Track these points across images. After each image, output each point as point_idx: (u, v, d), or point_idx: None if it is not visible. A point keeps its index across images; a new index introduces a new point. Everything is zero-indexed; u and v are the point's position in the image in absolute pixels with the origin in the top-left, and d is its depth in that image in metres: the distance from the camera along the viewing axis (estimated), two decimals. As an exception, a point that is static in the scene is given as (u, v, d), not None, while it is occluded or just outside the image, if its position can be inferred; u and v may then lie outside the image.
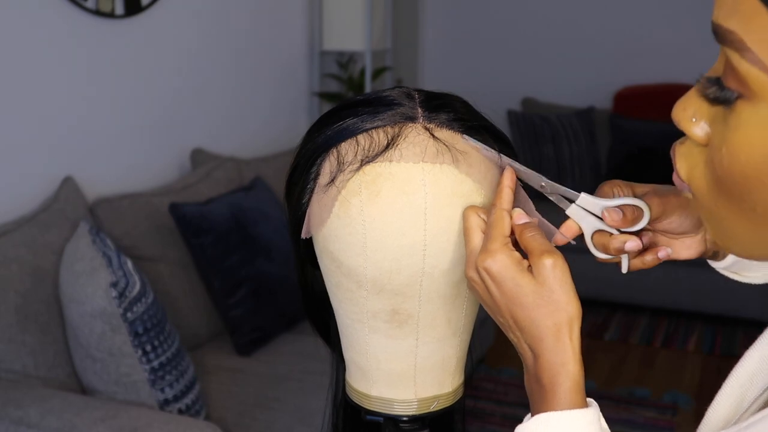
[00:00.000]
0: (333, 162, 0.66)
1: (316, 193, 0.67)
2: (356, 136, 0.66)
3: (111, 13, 2.27)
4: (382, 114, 0.66)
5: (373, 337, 0.70)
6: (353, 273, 0.67)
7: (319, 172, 0.67)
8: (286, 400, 1.97)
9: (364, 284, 0.67)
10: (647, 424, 2.72)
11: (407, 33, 4.42)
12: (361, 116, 0.66)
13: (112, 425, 1.55)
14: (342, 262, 0.67)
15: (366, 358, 0.71)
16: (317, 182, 0.67)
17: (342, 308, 0.70)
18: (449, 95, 0.69)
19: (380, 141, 0.65)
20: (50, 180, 2.09)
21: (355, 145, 0.65)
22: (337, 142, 0.66)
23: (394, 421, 0.72)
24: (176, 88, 2.63)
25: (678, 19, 4.10)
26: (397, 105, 0.67)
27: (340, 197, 0.65)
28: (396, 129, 0.66)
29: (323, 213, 0.67)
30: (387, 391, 0.72)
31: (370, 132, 0.66)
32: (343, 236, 0.66)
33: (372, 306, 0.68)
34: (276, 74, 3.25)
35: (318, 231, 0.68)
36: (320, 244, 0.68)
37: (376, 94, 0.68)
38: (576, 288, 0.64)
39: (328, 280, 0.70)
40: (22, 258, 1.83)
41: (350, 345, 0.72)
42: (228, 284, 2.21)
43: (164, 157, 2.60)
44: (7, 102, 1.99)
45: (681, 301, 3.63)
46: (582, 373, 0.61)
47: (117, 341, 1.73)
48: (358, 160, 0.65)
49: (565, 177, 3.86)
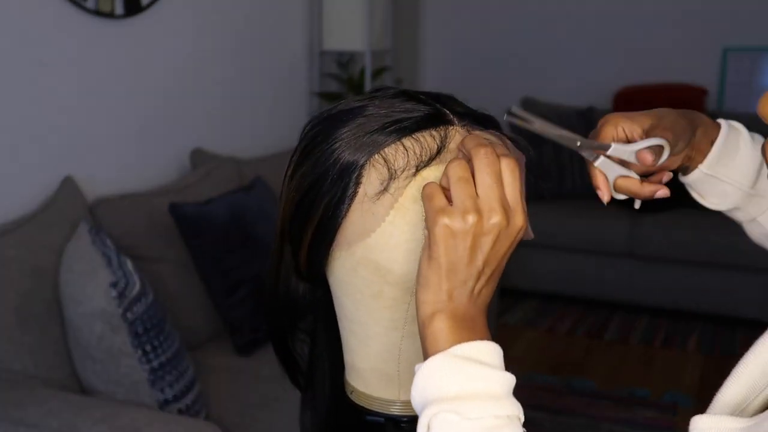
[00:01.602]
0: (381, 169, 0.64)
1: (359, 203, 0.65)
2: (401, 140, 0.64)
3: (111, 13, 2.27)
4: (412, 119, 0.65)
5: (407, 343, 0.70)
6: (403, 280, 0.66)
7: (359, 180, 0.65)
8: (286, 400, 1.97)
9: (412, 289, 0.66)
10: (647, 424, 2.72)
11: (407, 33, 4.41)
12: (394, 123, 0.65)
13: (112, 425, 1.55)
14: (391, 269, 0.66)
15: (396, 364, 0.71)
16: (358, 191, 0.65)
17: (374, 318, 0.69)
18: (445, 95, 0.70)
19: (430, 145, 0.65)
20: (50, 180, 2.09)
21: (403, 151, 0.64)
22: (379, 148, 0.64)
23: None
24: (176, 88, 2.63)
25: (678, 19, 4.10)
26: (425, 107, 0.66)
27: (397, 205, 0.64)
28: (441, 132, 0.66)
29: (371, 223, 0.65)
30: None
31: (416, 136, 0.65)
32: (398, 244, 0.65)
33: (414, 310, 0.67)
34: (276, 74, 3.25)
35: (360, 242, 0.66)
36: (359, 255, 0.66)
37: (392, 105, 0.67)
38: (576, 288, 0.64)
39: (362, 292, 0.68)
40: (22, 258, 1.83)
41: (376, 353, 0.71)
42: (228, 284, 2.21)
43: (164, 157, 2.60)
44: (6, 102, 1.99)
45: (681, 301, 3.63)
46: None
47: (117, 341, 1.73)
48: (413, 166, 0.64)
49: (565, 177, 3.85)
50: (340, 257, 0.68)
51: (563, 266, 3.72)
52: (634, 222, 3.63)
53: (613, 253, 3.67)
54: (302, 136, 0.69)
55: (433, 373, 0.57)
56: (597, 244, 3.67)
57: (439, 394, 0.56)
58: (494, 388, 0.56)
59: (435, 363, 0.57)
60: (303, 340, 0.80)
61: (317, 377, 0.80)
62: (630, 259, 3.66)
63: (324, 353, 0.79)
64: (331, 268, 0.70)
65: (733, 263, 3.48)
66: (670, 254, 3.59)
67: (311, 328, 0.79)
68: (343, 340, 0.74)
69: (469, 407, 0.55)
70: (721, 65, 4.04)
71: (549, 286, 3.80)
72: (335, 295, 0.72)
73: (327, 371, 0.79)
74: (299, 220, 0.68)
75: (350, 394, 0.75)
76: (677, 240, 3.57)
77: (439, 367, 0.57)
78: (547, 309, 3.76)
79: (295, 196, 0.68)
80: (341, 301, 0.71)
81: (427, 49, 4.59)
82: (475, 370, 0.56)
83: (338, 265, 0.68)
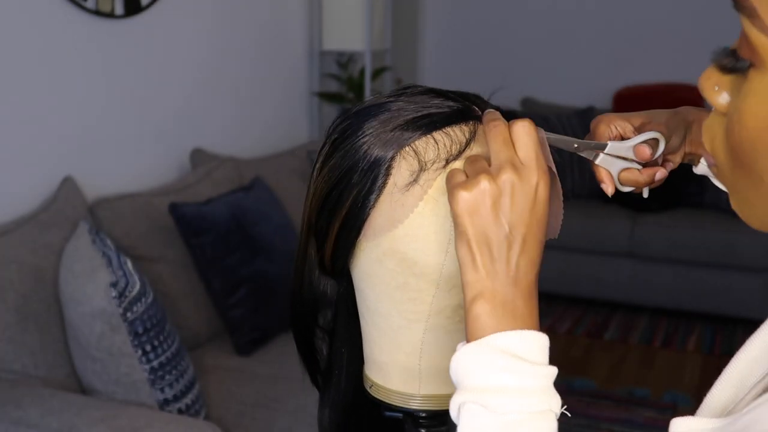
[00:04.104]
0: (411, 161, 0.65)
1: (388, 194, 0.66)
2: (432, 134, 0.65)
3: (111, 13, 2.27)
4: (442, 114, 0.66)
5: (430, 336, 0.70)
6: (428, 272, 0.67)
7: (389, 172, 0.65)
8: (286, 400, 1.97)
9: (437, 282, 0.67)
10: (647, 424, 2.72)
11: (407, 33, 4.42)
12: (424, 117, 0.66)
13: (112, 425, 1.55)
14: (417, 261, 0.66)
15: (417, 357, 0.71)
16: (387, 182, 0.66)
17: (398, 310, 0.70)
18: (473, 94, 0.71)
19: (459, 138, 0.66)
20: (50, 180, 2.09)
21: (433, 144, 0.65)
22: (409, 141, 0.65)
23: (442, 416, 0.73)
24: (176, 88, 2.63)
25: (677, 19, 4.10)
26: (454, 103, 0.68)
27: (426, 196, 0.65)
28: (471, 127, 0.67)
29: (400, 214, 0.66)
30: (436, 388, 0.72)
31: (446, 130, 0.66)
32: (425, 235, 0.65)
33: (439, 303, 0.68)
34: (276, 74, 3.25)
35: (387, 233, 0.67)
36: (385, 246, 0.67)
37: (425, 103, 0.68)
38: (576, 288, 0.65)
39: (386, 283, 0.69)
40: (22, 258, 1.83)
41: (397, 346, 0.71)
42: (228, 284, 2.21)
43: (164, 157, 2.60)
44: (6, 102, 1.99)
45: (681, 301, 3.63)
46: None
47: (117, 341, 1.73)
48: (443, 158, 0.65)
49: (565, 177, 3.86)
50: (366, 249, 0.68)
51: (563, 266, 3.71)
52: (634, 222, 3.63)
53: (613, 253, 3.67)
54: (331, 130, 0.70)
55: (467, 360, 0.57)
56: (597, 244, 3.67)
57: (469, 382, 0.56)
58: (526, 382, 0.56)
59: (469, 350, 0.57)
60: (321, 338, 0.80)
61: (336, 374, 0.80)
62: (630, 259, 3.66)
63: (343, 349, 0.79)
64: (356, 260, 0.70)
65: (733, 263, 3.48)
66: (670, 254, 3.59)
67: (330, 326, 0.79)
68: (363, 333, 0.74)
69: (497, 400, 0.55)
70: (721, 65, 4.03)
71: (549, 286, 3.79)
72: (358, 288, 0.72)
73: (345, 367, 0.79)
74: (327, 213, 0.69)
75: (369, 388, 0.75)
76: (677, 240, 3.57)
77: (472, 355, 0.57)
78: (547, 309, 3.75)
79: (323, 188, 0.69)
80: (364, 294, 0.71)
81: (426, 49, 4.59)
82: (507, 363, 0.56)
83: (364, 256, 0.69)
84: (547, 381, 0.58)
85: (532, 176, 0.59)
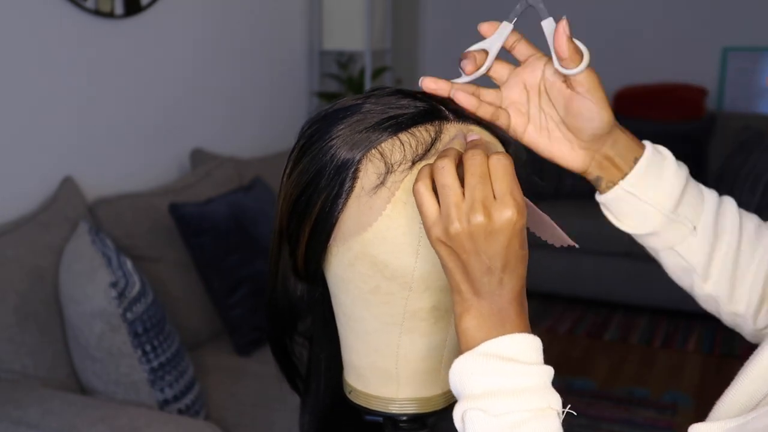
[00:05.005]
0: (378, 163, 0.65)
1: (356, 197, 0.65)
2: (398, 135, 0.65)
3: (110, 13, 2.27)
4: (408, 115, 0.66)
5: (406, 338, 0.70)
6: (399, 274, 0.66)
7: (356, 175, 0.65)
8: (286, 400, 1.97)
9: (410, 284, 0.67)
10: (647, 424, 2.72)
11: (407, 33, 4.42)
12: (390, 119, 0.66)
13: (112, 425, 1.55)
14: (388, 264, 0.66)
15: (395, 360, 0.71)
16: (355, 185, 0.65)
17: (372, 313, 0.69)
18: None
19: (424, 138, 0.65)
20: (50, 180, 2.09)
21: (399, 145, 0.65)
22: (375, 143, 0.65)
23: (422, 419, 0.73)
24: (176, 88, 2.63)
25: (678, 19, 4.10)
26: (419, 104, 0.67)
27: (394, 199, 0.64)
28: (436, 126, 0.66)
29: (368, 217, 0.65)
30: (415, 391, 0.72)
31: (412, 131, 0.66)
32: (395, 237, 0.65)
33: (412, 305, 0.68)
34: (276, 74, 3.25)
35: (357, 236, 0.66)
36: (356, 250, 0.66)
37: (388, 104, 0.67)
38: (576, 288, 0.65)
39: (359, 288, 0.68)
40: (22, 258, 1.83)
41: (374, 350, 0.71)
42: (227, 284, 2.21)
43: (164, 157, 2.60)
44: (6, 102, 1.99)
45: (681, 301, 3.61)
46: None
47: (116, 341, 1.73)
48: (409, 159, 0.65)
49: (565, 177, 3.85)
50: (338, 253, 0.68)
51: (563, 266, 3.72)
52: (634, 222, 3.62)
53: (613, 253, 3.66)
54: (300, 135, 0.70)
55: (461, 371, 0.59)
56: (597, 244, 3.67)
57: (467, 391, 0.58)
58: (520, 382, 0.58)
59: (462, 361, 0.59)
60: (301, 344, 0.80)
61: (314, 380, 0.80)
62: (630, 259, 3.66)
63: (321, 355, 0.79)
64: (328, 265, 0.70)
65: (733, 263, 3.47)
66: (670, 254, 3.58)
67: (309, 331, 0.79)
68: (341, 338, 0.74)
69: (494, 404, 0.57)
70: (720, 65, 4.03)
71: (549, 286, 3.80)
72: (333, 293, 0.72)
73: (323, 373, 0.79)
74: (297, 217, 0.69)
75: (349, 393, 0.75)
76: (677, 240, 3.56)
77: (464, 365, 0.59)
78: (547, 309, 3.75)
79: (293, 193, 0.68)
80: (339, 299, 0.71)
81: (427, 49, 4.59)
82: (498, 366, 0.58)
83: (336, 261, 0.69)
84: (541, 379, 0.59)
85: (506, 211, 0.59)
